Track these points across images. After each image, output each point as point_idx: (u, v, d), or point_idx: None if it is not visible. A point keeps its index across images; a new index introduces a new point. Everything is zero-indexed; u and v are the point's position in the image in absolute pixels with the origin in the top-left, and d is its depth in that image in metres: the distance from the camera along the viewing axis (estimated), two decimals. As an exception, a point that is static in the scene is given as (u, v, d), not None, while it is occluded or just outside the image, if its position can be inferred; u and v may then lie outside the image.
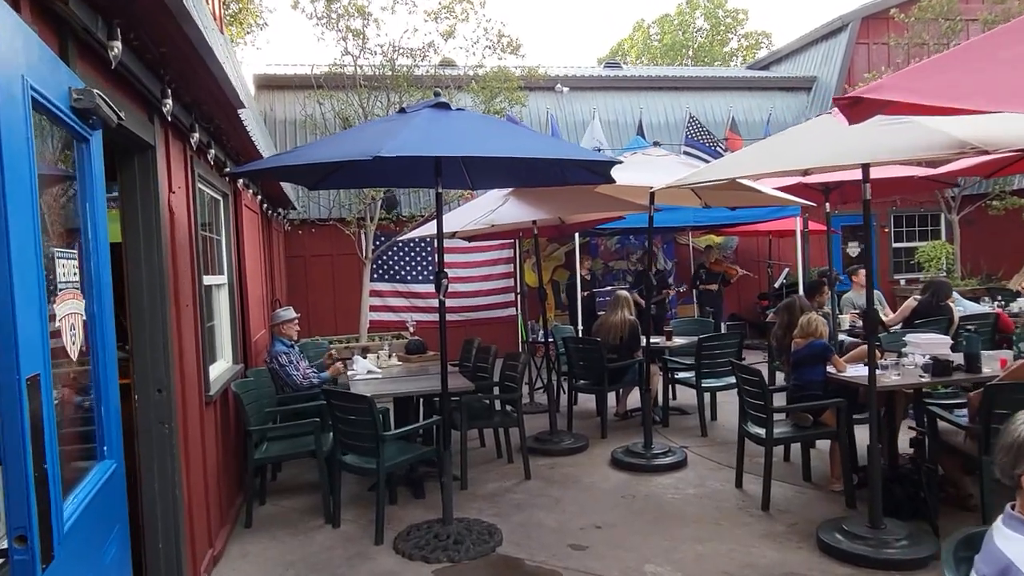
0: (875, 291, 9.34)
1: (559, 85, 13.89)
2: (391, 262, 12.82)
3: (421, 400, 6.12)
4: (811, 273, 11.45)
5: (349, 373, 6.31)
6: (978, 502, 4.50)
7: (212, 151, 4.43)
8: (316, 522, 4.95)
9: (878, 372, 4.97)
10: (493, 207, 5.72)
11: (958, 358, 4.94)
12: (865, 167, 3.88)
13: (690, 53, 32.42)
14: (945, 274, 13.34)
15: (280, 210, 10.28)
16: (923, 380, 4.71)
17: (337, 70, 10.34)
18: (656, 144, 5.70)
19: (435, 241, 12.98)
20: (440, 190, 4.37)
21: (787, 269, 11.41)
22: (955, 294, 7.82)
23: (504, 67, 10.67)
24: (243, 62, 14.91)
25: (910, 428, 4.60)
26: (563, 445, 6.41)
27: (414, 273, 12.91)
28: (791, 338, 5.43)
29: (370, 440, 4.53)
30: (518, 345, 11.33)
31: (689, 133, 12.02)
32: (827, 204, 7.04)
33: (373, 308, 12.87)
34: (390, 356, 6.89)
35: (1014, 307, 8.89)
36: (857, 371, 5.10)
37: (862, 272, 8.74)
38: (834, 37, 15.11)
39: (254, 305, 6.61)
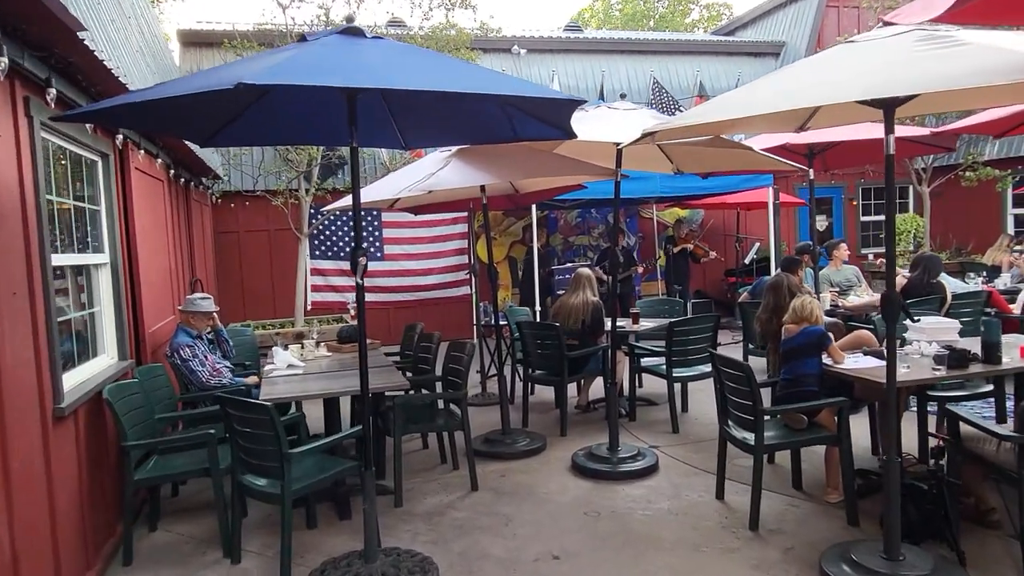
0: (850, 267, 8.80)
1: (516, 47, 12.91)
2: (334, 237, 11.78)
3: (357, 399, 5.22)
4: (782, 247, 10.80)
5: (266, 368, 5.37)
6: (1001, 517, 3.82)
7: (52, 90, 3.41)
8: (213, 555, 4.04)
9: (879, 364, 4.27)
10: (432, 171, 4.80)
11: (966, 344, 4.26)
12: (887, 111, 3.06)
13: (651, 24, 31.58)
14: (914, 248, 12.88)
15: (203, 180, 9.17)
16: (939, 374, 3.99)
17: (266, 25, 9.22)
18: (623, 97, 4.85)
19: (386, 214, 12.08)
20: (356, 144, 3.44)
21: (758, 243, 10.72)
22: (941, 271, 7.21)
23: (453, 22, 9.64)
24: (163, 15, 13.57)
25: (930, 435, 3.89)
26: (517, 447, 5.58)
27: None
28: (779, 324, 4.68)
29: (272, 458, 3.63)
30: (473, 327, 10.48)
31: (653, 98, 11.21)
32: (810, 171, 6.30)
33: (315, 288, 11.87)
34: (318, 345, 5.96)
35: (999, 283, 8.35)
36: (857, 362, 4.38)
37: (843, 247, 8.07)
38: (803, 0, 14.40)
39: (153, 289, 5.59)
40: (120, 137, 4.71)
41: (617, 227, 5.06)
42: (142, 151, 5.23)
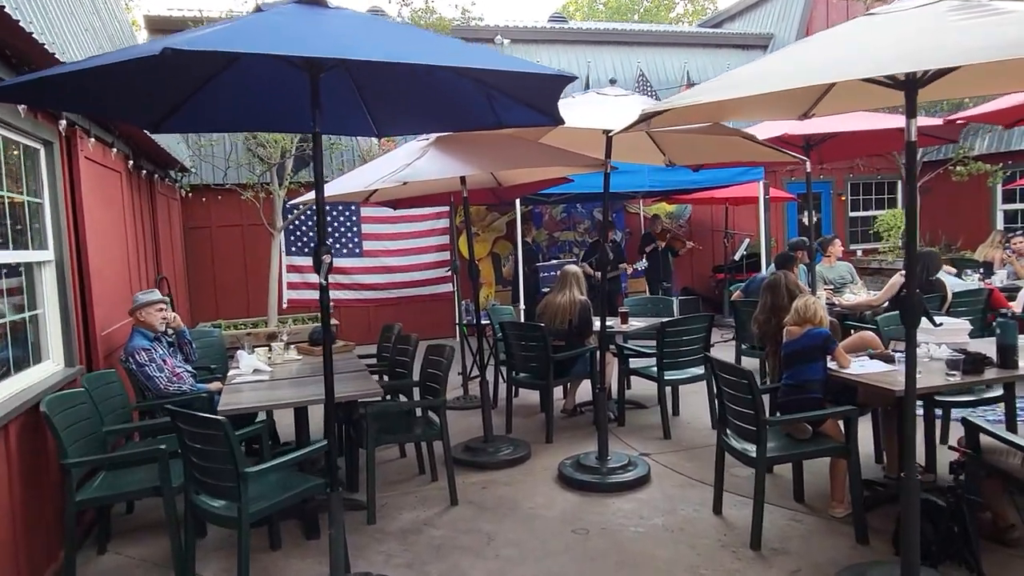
0: (844, 263, 8.54)
1: (499, 37, 12.54)
2: (312, 233, 11.36)
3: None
4: (771, 243, 10.54)
5: (230, 373, 5.00)
6: (1021, 535, 3.55)
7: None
8: (165, 582, 3.68)
9: (889, 369, 3.99)
10: (408, 161, 4.44)
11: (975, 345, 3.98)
12: (909, 93, 2.75)
13: (636, 18, 31.29)
14: (903, 244, 12.70)
15: (171, 172, 8.74)
16: (953, 380, 3.71)
17: (239, 14, 8.79)
18: (612, 83, 4.51)
19: (364, 208, 11.67)
20: (319, 130, 3.08)
21: (747, 239, 10.45)
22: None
23: (433, 7, 9.26)
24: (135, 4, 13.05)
25: (950, 448, 3.60)
26: (500, 456, 5.25)
27: (337, 246, 11.50)
28: (779, 325, 4.38)
29: (228, 477, 3.27)
30: (455, 326, 10.12)
31: (638, 90, 10.91)
32: (807, 163, 6.02)
33: (292, 285, 11.46)
34: (287, 347, 5.58)
35: (995, 280, 8.13)
36: (864, 366, 4.09)
37: (837, 242, 7.82)
38: (791, -9, 14.15)
39: (107, 288, 5.19)
40: (64, 123, 4.30)
41: (607, 222, 4.73)
42: (92, 139, 4.82)
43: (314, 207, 10.36)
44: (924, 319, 3.03)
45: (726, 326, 10.24)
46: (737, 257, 10.22)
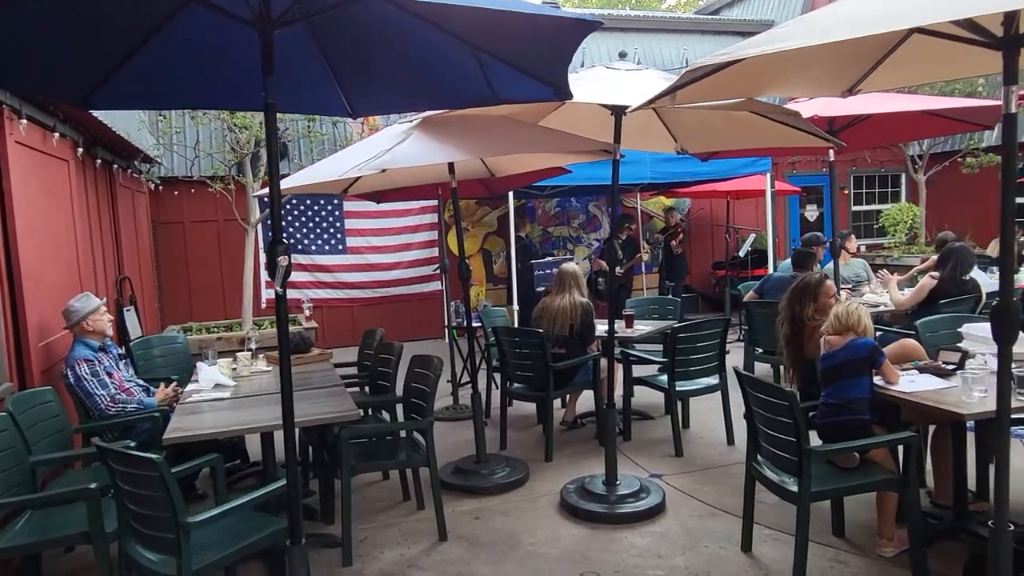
0: (859, 260, 8.03)
1: (489, 22, 11.91)
2: (291, 228, 10.74)
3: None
4: (762, 239, 9.98)
5: (188, 388, 4.40)
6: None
7: None
8: (98, 646, 3.08)
9: (946, 386, 3.44)
10: (389, 146, 3.85)
11: None
12: (1008, 51, 2.20)
13: (628, 8, 30.77)
14: (909, 239, 12.21)
15: (135, 163, 8.07)
16: (1029, 400, 3.17)
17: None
18: (622, 56, 3.92)
19: (348, 202, 11.02)
20: (270, 100, 2.48)
21: (753, 234, 9.91)
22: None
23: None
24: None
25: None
26: (494, 479, 4.67)
27: (319, 242, 10.88)
28: (809, 334, 3.84)
29: (166, 527, 2.67)
30: (444, 329, 9.51)
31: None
32: (831, 152, 5.46)
33: (271, 285, 10.80)
34: (255, 357, 4.98)
35: (1020, 278, 7.64)
36: (914, 382, 3.55)
37: (853, 239, 7.29)
38: (793, -23, 13.62)
39: (46, 293, 4.56)
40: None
41: (616, 214, 4.17)
42: (24, 120, 4.19)
43: (295, 202, 9.60)
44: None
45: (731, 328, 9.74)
46: (742, 253, 9.67)
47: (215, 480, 3.40)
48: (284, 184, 5.02)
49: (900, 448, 3.50)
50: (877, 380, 3.52)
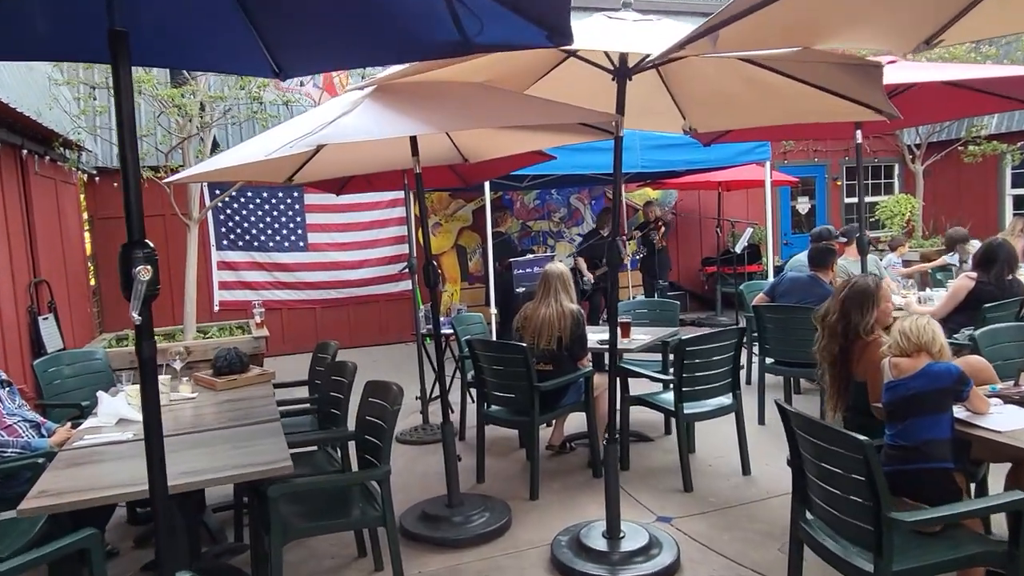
0: (871, 256, 7.32)
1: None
2: (245, 224, 9.80)
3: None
4: (759, 233, 9.29)
5: (83, 426, 3.52)
6: None
7: None
8: None
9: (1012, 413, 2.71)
10: (331, 117, 2.99)
11: None
12: None
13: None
14: (906, 232, 11.60)
15: (58, 149, 7.07)
16: None
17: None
18: (626, 6, 3.11)
19: (309, 195, 10.04)
20: (119, 27, 1.62)
21: (750, 228, 9.18)
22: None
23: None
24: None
25: None
26: (470, 527, 3.83)
27: (278, 239, 9.97)
28: (864, 351, 3.08)
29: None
30: (416, 335, 8.64)
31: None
32: (858, 133, 4.70)
33: (224, 285, 9.89)
34: (179, 379, 4.11)
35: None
36: (1002, 413, 2.80)
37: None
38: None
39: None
40: None
41: (617, 203, 3.37)
42: None
43: (249, 195, 8.54)
44: None
45: (717, 325, 9.01)
46: (739, 249, 8.94)
47: (89, 565, 2.50)
48: (196, 170, 4.14)
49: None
50: (960, 414, 2.77)
